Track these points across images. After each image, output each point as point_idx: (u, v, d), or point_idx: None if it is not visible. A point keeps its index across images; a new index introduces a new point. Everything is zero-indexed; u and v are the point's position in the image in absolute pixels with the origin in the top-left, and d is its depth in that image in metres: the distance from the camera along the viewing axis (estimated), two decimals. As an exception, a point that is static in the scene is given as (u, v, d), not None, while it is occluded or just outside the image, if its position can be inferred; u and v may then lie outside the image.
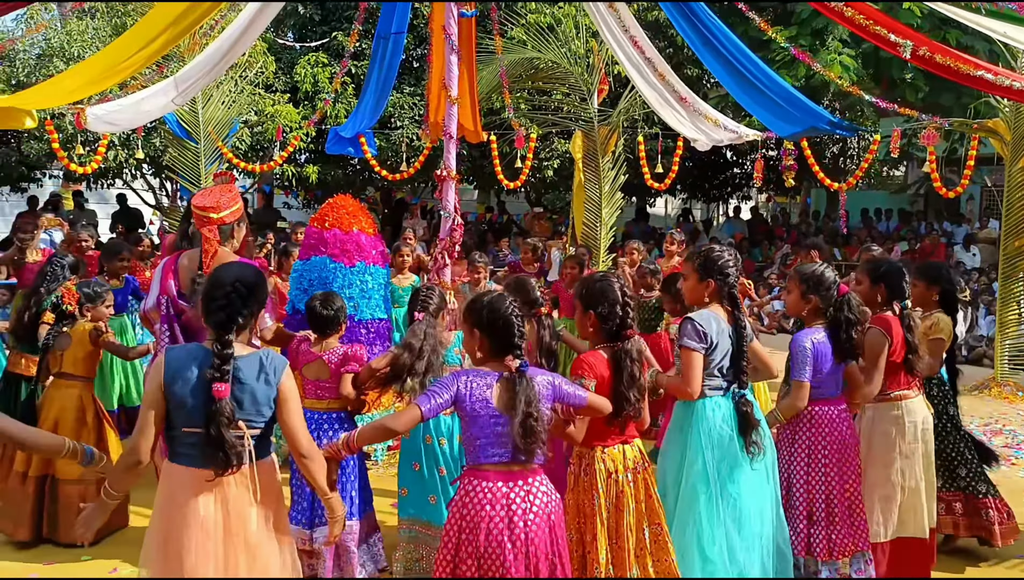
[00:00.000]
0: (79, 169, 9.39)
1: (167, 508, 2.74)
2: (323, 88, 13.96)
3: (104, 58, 7.68)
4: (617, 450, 3.36)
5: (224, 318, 2.71)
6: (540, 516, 2.94)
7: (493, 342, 3.03)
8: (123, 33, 12.79)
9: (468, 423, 2.98)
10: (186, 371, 2.70)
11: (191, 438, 2.70)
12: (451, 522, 3.00)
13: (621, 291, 3.35)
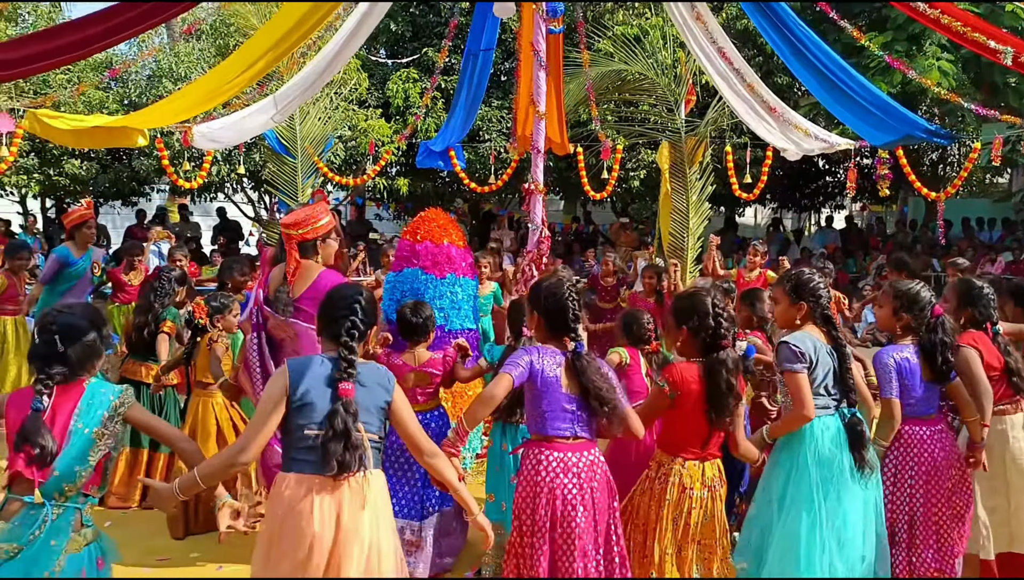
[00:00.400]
0: (186, 184, 9.87)
1: (280, 513, 2.80)
2: (414, 103, 14.28)
3: (210, 80, 8.09)
4: (696, 466, 3.38)
5: (350, 326, 2.86)
6: (603, 483, 3.23)
7: (549, 323, 3.32)
8: (226, 53, 13.44)
9: (537, 396, 3.22)
10: (310, 377, 2.83)
11: (309, 442, 2.79)
12: (524, 491, 3.20)
13: (712, 303, 3.37)
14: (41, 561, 2.61)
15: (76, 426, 2.71)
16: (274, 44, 7.40)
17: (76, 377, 2.79)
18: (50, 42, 6.85)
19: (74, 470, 2.68)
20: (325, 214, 4.23)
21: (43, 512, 2.64)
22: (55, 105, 9.02)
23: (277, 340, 4.03)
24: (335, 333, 2.91)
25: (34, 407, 2.67)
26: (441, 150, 10.30)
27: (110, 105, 12.86)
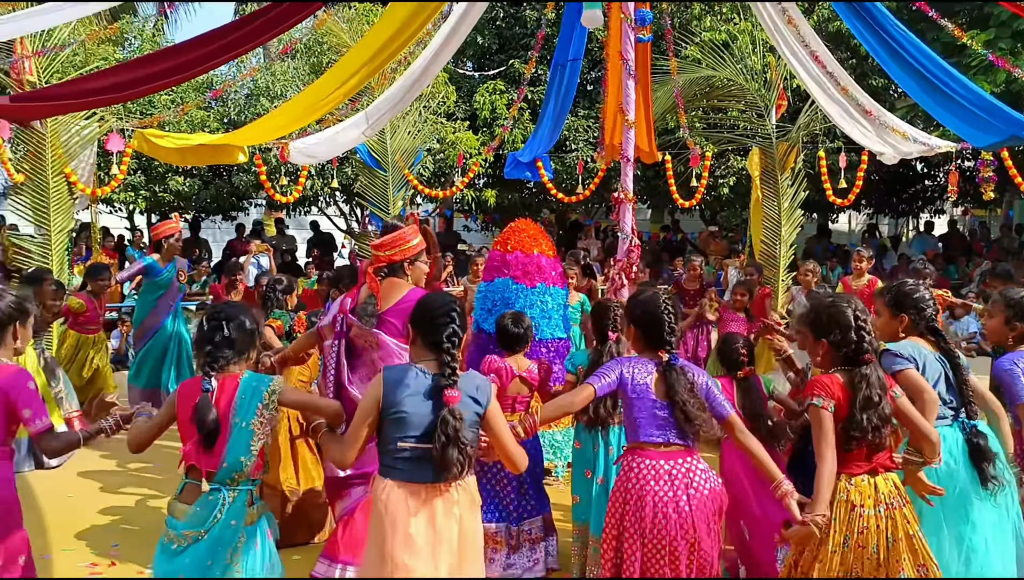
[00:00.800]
0: (282, 198, 10.20)
1: (381, 522, 2.88)
2: (501, 114, 14.44)
3: (305, 97, 8.36)
4: (865, 481, 3.13)
5: (451, 333, 2.93)
6: (700, 492, 3.16)
7: (646, 336, 3.37)
8: (319, 71, 13.85)
9: (629, 405, 3.27)
10: (405, 388, 2.90)
11: (407, 452, 2.86)
12: (616, 497, 3.25)
13: (854, 315, 3.19)
14: (225, 539, 2.88)
15: (235, 421, 2.93)
16: (367, 61, 7.58)
17: (235, 365, 3.04)
18: (155, 65, 7.18)
19: (240, 461, 2.92)
20: (415, 236, 4.29)
21: (220, 496, 2.90)
22: (161, 125, 9.45)
23: (357, 349, 4.12)
24: (435, 341, 2.95)
25: (204, 388, 2.93)
26: (529, 161, 10.37)
27: (211, 124, 13.40)
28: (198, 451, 2.92)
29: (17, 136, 8.10)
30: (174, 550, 2.88)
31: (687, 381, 3.23)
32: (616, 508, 3.23)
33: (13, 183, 8.52)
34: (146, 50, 14.10)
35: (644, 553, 3.13)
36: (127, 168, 9.09)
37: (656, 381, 3.25)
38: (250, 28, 6.60)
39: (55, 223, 8.39)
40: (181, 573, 2.85)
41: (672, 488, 3.14)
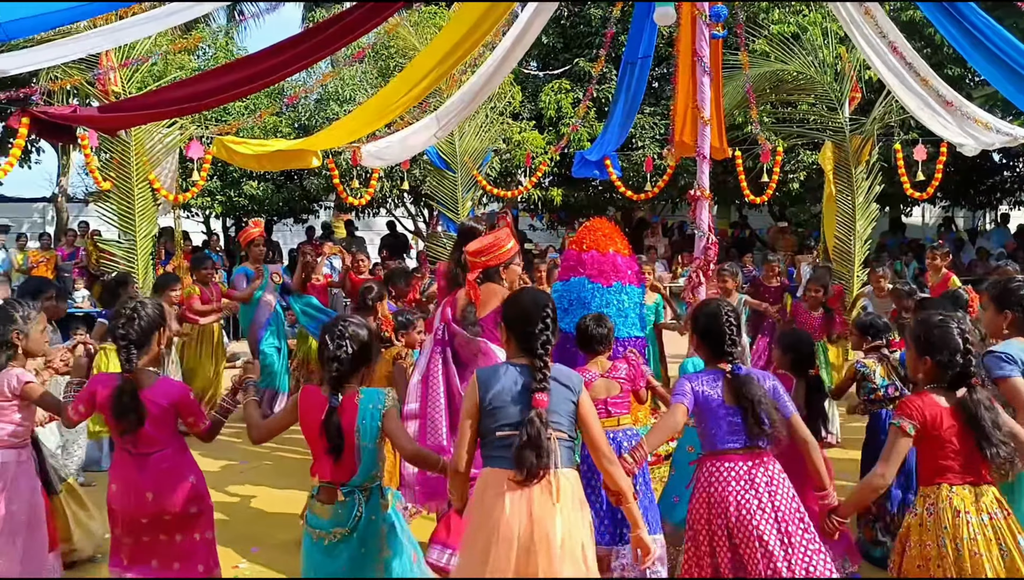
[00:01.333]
0: (355, 201, 10.37)
1: (477, 507, 2.99)
2: (566, 113, 14.45)
3: (377, 101, 8.49)
4: (968, 490, 3.09)
5: (544, 339, 2.97)
6: (781, 488, 3.25)
7: (709, 347, 3.48)
8: (387, 74, 14.04)
9: (703, 417, 3.36)
10: (498, 384, 2.99)
11: (505, 441, 2.93)
12: (698, 501, 3.31)
13: (962, 337, 3.10)
14: (370, 532, 3.12)
15: (360, 442, 3.12)
16: (436, 64, 7.67)
17: (355, 381, 3.21)
18: (232, 75, 7.38)
19: (372, 475, 3.18)
20: (509, 240, 4.36)
21: (356, 498, 3.12)
22: (236, 132, 9.70)
23: (463, 357, 4.17)
24: (528, 345, 3.00)
25: (331, 404, 3.10)
26: (597, 159, 10.38)
27: (283, 129, 13.70)
28: (328, 464, 3.12)
29: (103, 145, 8.38)
30: (326, 546, 3.10)
31: (756, 386, 3.30)
32: (701, 512, 3.29)
33: (100, 190, 8.85)
34: (220, 58, 14.47)
35: (733, 557, 3.18)
36: (206, 174, 9.35)
37: (724, 390, 3.34)
38: (323, 36, 6.73)
39: (139, 228, 8.68)
40: (342, 566, 3.09)
41: (754, 488, 3.22)
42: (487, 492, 2.95)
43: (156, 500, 3.42)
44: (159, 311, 3.58)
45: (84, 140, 7.77)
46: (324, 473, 3.15)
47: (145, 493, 3.42)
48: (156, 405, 3.44)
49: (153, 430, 3.44)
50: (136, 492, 3.43)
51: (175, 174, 9.29)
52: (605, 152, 10.26)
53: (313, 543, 3.13)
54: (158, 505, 3.42)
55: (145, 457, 3.46)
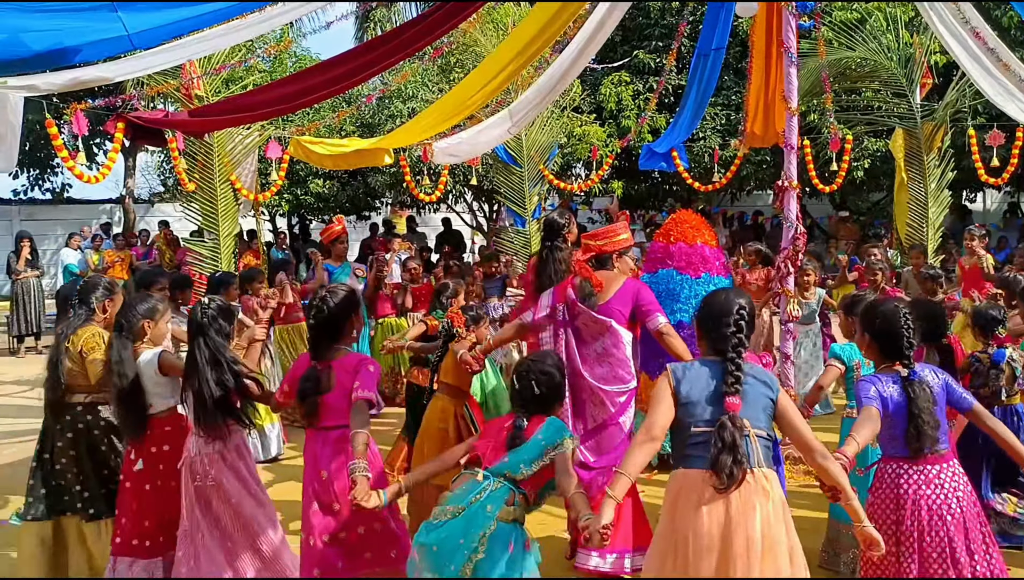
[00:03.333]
0: (426, 198, 10.53)
1: (670, 512, 2.91)
2: (626, 106, 14.46)
3: (450, 99, 8.61)
4: None
5: (736, 342, 2.93)
6: (966, 489, 3.25)
7: (882, 348, 3.41)
8: (447, 70, 14.18)
9: (886, 421, 3.27)
10: (692, 379, 2.96)
11: (699, 438, 2.87)
12: (884, 503, 3.28)
13: None
14: (477, 521, 3.04)
15: (536, 437, 3.24)
16: (511, 60, 7.77)
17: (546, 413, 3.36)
18: (308, 80, 7.57)
19: (518, 465, 3.18)
20: (624, 231, 4.53)
21: (484, 483, 3.14)
22: (314, 132, 9.91)
23: (583, 337, 4.30)
24: (720, 346, 2.96)
25: (517, 426, 3.28)
26: (664, 151, 10.41)
27: (347, 127, 13.91)
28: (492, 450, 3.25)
29: (187, 147, 8.64)
30: (433, 523, 3.11)
31: (928, 395, 3.26)
32: (887, 515, 3.26)
33: (164, 191, 9.13)
34: (285, 63, 14.74)
35: (922, 559, 3.19)
36: (284, 173, 9.58)
37: (902, 394, 3.29)
38: (401, 39, 6.86)
39: (222, 227, 8.93)
40: (433, 544, 3.05)
41: (943, 492, 3.22)
42: (681, 495, 2.89)
43: (329, 482, 3.48)
44: (352, 296, 3.69)
45: (172, 143, 8.03)
46: (484, 456, 3.27)
47: (320, 471, 3.51)
48: (343, 373, 3.53)
49: (336, 402, 3.51)
50: (314, 468, 3.53)
51: (255, 174, 9.54)
52: (673, 144, 10.29)
53: (426, 523, 3.16)
54: (330, 488, 3.48)
55: (325, 432, 3.55)
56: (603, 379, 4.25)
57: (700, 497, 2.81)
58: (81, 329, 4.13)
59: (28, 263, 12.28)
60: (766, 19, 7.51)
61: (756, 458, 2.84)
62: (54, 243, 20.89)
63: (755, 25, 7.94)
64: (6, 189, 25.49)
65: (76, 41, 3.94)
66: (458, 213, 17.35)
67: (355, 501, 3.10)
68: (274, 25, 7.35)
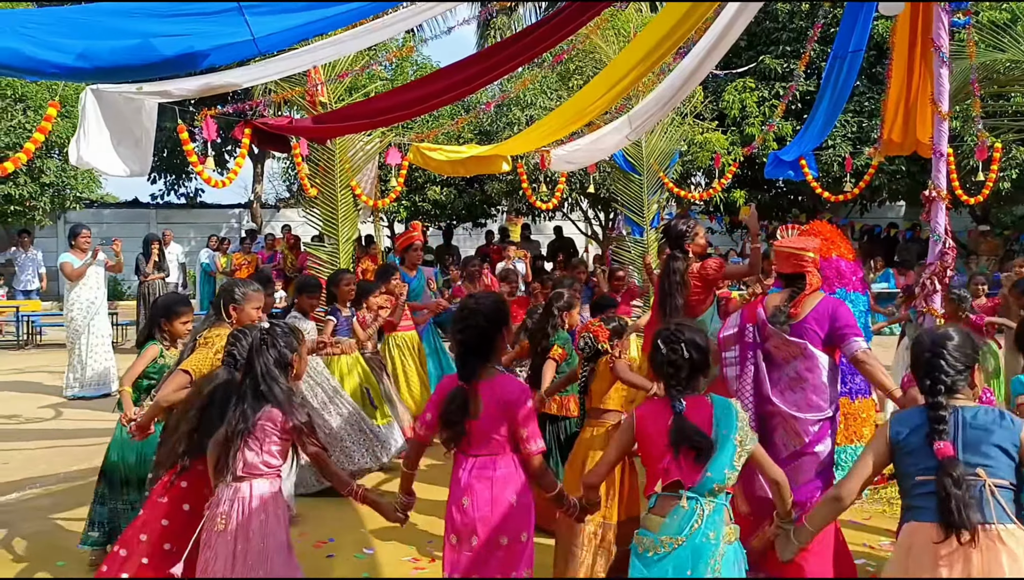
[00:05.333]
0: (543, 205, 10.41)
1: (904, 562, 2.71)
2: (750, 113, 13.99)
3: (573, 104, 8.46)
4: None
5: (930, 383, 2.71)
6: None
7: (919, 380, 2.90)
8: (566, 77, 14.06)
9: None
10: (911, 423, 2.75)
11: (925, 488, 2.65)
12: None
13: None
14: (704, 552, 2.78)
15: (720, 433, 2.89)
16: (635, 65, 7.56)
17: (697, 386, 3.01)
18: (430, 86, 7.55)
19: (724, 474, 2.85)
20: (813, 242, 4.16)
21: (697, 506, 2.82)
22: (420, 138, 9.95)
23: (775, 359, 3.98)
24: (926, 387, 2.75)
25: (676, 410, 2.90)
26: (792, 159, 9.96)
27: (465, 135, 13.97)
28: (679, 465, 2.88)
29: (310, 154, 8.79)
30: (651, 557, 2.84)
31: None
32: None
33: (289, 197, 9.30)
34: (407, 71, 14.95)
35: None
36: (403, 180, 9.63)
37: None
38: (521, 43, 6.74)
39: (342, 233, 9.04)
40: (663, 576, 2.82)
41: None
42: (912, 551, 2.67)
43: (471, 509, 3.13)
44: (499, 308, 3.25)
45: (296, 149, 8.18)
46: (674, 473, 2.88)
47: (462, 498, 3.16)
48: (494, 399, 3.12)
49: (485, 428, 3.14)
50: (456, 495, 3.19)
51: (375, 180, 9.64)
52: (802, 151, 9.83)
53: (638, 555, 2.88)
54: (471, 516, 3.13)
55: (472, 458, 3.19)
56: (796, 406, 3.87)
57: (936, 554, 2.57)
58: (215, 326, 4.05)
59: (156, 265, 12.80)
60: (911, 18, 7.03)
61: (991, 511, 2.54)
62: (187, 246, 21.91)
63: (896, 25, 7.45)
64: (144, 193, 26.89)
65: (204, 46, 3.96)
66: (573, 221, 17.19)
67: None
68: (397, 31, 7.40)
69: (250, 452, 3.15)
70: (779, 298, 4.03)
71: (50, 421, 8.29)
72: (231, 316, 3.99)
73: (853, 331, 3.82)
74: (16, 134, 13.78)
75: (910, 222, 20.60)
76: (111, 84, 4.73)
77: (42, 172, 14.69)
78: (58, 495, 5.89)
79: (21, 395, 9.45)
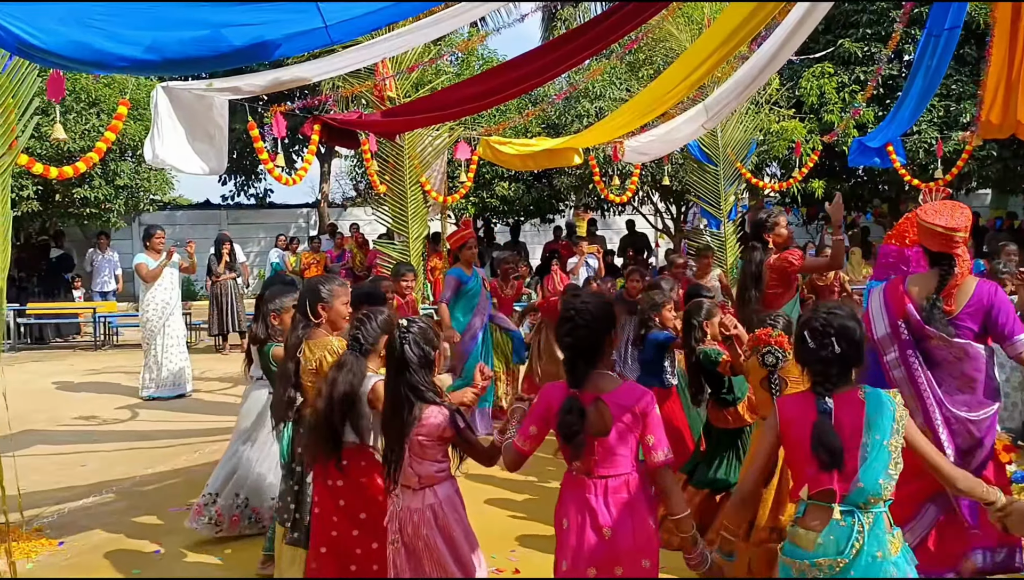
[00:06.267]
0: (617, 199, 10.11)
1: None
2: (829, 99, 13.44)
3: (649, 93, 8.14)
4: None
5: None
6: None
7: None
8: (635, 67, 13.72)
9: None
10: None
11: None
12: None
13: None
14: (872, 572, 2.52)
15: (872, 438, 2.60)
16: (710, 54, 7.22)
17: (848, 381, 2.71)
18: (490, 82, 7.36)
19: (879, 483, 2.57)
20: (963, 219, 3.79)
21: (854, 522, 2.55)
22: (503, 133, 9.75)
23: (936, 358, 3.69)
24: None
25: (820, 410, 2.63)
26: (879, 146, 9.48)
27: (532, 128, 13.72)
28: (826, 474, 2.59)
29: (379, 150, 8.66)
30: None
31: None
32: None
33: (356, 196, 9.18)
34: (472, 63, 14.76)
35: None
36: (472, 175, 9.44)
37: None
38: (589, 35, 6.48)
39: (412, 230, 8.90)
40: None
41: None
42: None
43: (615, 540, 2.81)
44: (606, 309, 2.95)
45: (365, 145, 8.05)
46: (824, 482, 2.60)
47: (602, 529, 2.82)
48: (621, 411, 2.84)
49: (615, 446, 2.85)
50: (593, 528, 2.84)
51: (444, 176, 9.47)
52: (890, 138, 9.35)
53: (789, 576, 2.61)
54: (617, 549, 2.81)
55: (601, 481, 2.86)
56: (967, 406, 3.63)
57: None
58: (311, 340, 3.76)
59: (227, 265, 12.86)
60: (1015, -10, 6.57)
61: None
62: (256, 246, 22.14)
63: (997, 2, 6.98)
64: (215, 194, 27.29)
65: (276, 35, 3.80)
66: (644, 215, 16.80)
67: None
68: (461, 23, 7.18)
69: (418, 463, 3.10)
70: (924, 285, 3.68)
71: (127, 422, 8.32)
72: (319, 316, 3.75)
73: (1016, 327, 3.57)
74: (90, 137, 14.00)
75: (1001, 210, 19.66)
76: (179, 80, 4.62)
77: (116, 174, 14.92)
78: (136, 499, 5.83)
79: (99, 396, 9.54)
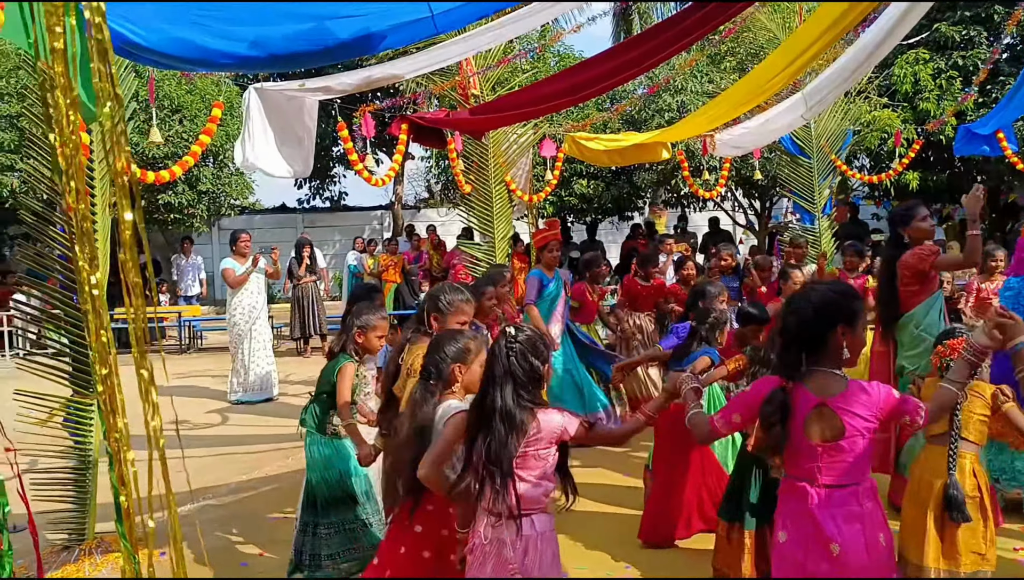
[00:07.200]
0: (706, 194, 9.77)
1: None
2: (924, 87, 12.85)
3: (746, 84, 7.79)
4: None
5: None
6: None
7: None
8: (717, 60, 13.32)
9: None
10: None
11: None
12: None
13: None
14: None
15: None
16: (817, 37, 6.85)
17: None
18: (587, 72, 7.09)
19: None
20: None
21: None
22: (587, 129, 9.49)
23: None
24: None
25: None
26: (989, 133, 8.96)
27: (612, 124, 13.43)
28: None
29: (464, 149, 8.49)
30: None
31: None
32: None
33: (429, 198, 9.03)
34: (549, 60, 14.54)
35: None
36: (559, 173, 9.21)
37: None
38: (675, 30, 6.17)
39: (497, 230, 8.70)
40: None
41: None
42: None
43: (845, 557, 2.53)
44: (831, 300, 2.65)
45: (451, 144, 7.89)
46: None
47: (830, 544, 2.55)
48: (854, 417, 2.57)
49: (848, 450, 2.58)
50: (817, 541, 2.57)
51: (529, 175, 9.27)
52: (1001, 124, 8.82)
53: None
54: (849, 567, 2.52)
55: (826, 490, 2.60)
56: None
57: None
58: (415, 345, 3.57)
59: (308, 269, 12.88)
60: None
61: None
62: (332, 248, 22.30)
63: None
64: (291, 198, 27.67)
65: (382, 26, 3.63)
66: (726, 211, 16.34)
67: None
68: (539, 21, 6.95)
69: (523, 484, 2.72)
70: None
71: (217, 426, 8.32)
72: (431, 327, 3.53)
73: None
74: (174, 144, 14.22)
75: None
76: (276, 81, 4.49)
77: (198, 180, 15.12)
78: (231, 506, 5.76)
79: (188, 400, 9.58)
